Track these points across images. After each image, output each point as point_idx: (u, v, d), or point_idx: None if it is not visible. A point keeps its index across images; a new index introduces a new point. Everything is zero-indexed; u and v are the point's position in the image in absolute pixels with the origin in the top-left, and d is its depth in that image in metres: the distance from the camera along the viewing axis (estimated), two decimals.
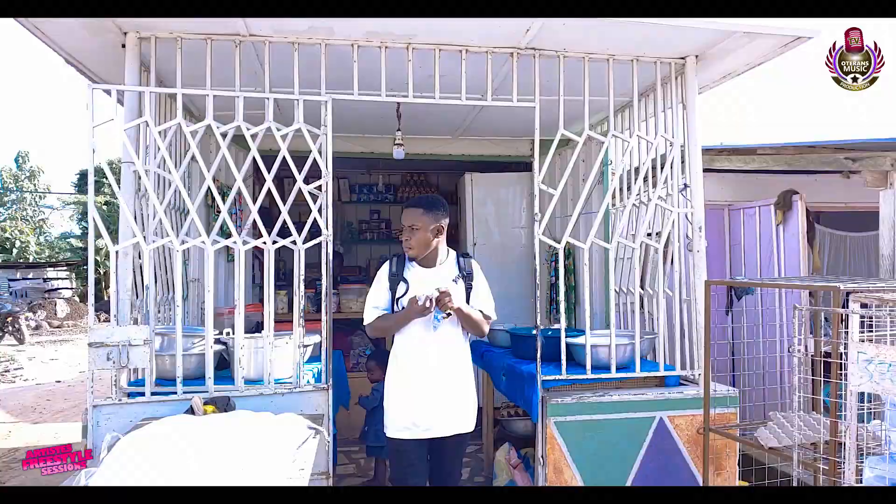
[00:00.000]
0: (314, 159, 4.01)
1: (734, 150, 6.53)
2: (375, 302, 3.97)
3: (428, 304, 3.66)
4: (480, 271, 4.09)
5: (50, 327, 23.88)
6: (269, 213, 7.76)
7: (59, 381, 12.83)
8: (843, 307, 3.03)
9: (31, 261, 34.39)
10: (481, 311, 4.00)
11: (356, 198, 10.71)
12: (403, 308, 3.85)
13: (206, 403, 3.54)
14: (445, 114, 6.09)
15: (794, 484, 3.52)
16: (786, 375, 6.05)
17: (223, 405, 3.59)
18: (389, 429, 3.92)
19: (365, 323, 3.99)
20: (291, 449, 2.83)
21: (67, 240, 38.86)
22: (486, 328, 4.03)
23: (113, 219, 4.04)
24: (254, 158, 3.97)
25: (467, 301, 3.97)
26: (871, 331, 2.96)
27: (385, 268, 4.02)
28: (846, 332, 2.97)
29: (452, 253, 4.08)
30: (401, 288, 3.91)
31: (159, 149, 3.92)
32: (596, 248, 4.62)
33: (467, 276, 3.99)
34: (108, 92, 3.94)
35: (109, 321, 3.80)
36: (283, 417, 3.20)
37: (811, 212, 6.35)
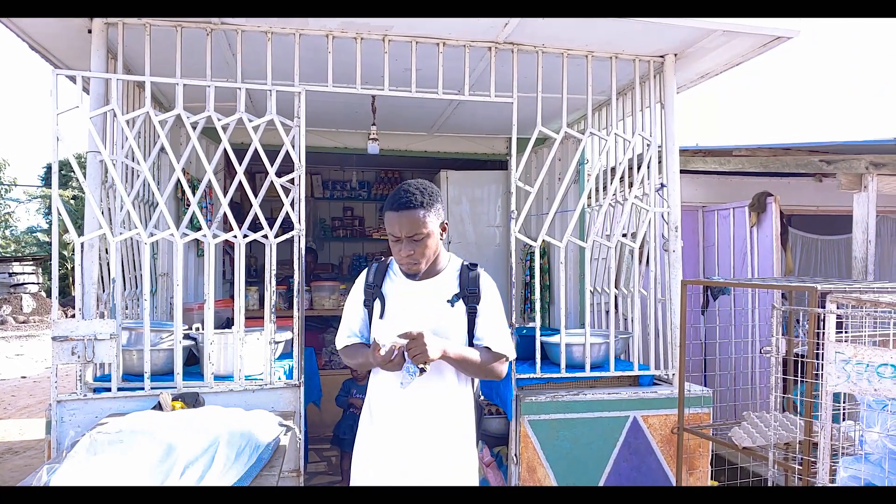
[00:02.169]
0: (286, 153, 3.94)
1: (710, 152, 6.55)
2: (349, 323, 3.04)
3: (393, 357, 2.61)
4: (494, 289, 2.99)
5: (15, 322, 23.48)
6: (240, 208, 7.69)
7: (24, 377, 12.61)
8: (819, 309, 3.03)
9: None
10: (489, 349, 2.90)
11: (329, 194, 10.61)
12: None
13: (174, 399, 3.47)
14: (421, 109, 6.05)
15: (769, 483, 3.51)
16: (757, 376, 6.09)
17: (192, 401, 3.51)
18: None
19: (337, 347, 3.11)
20: (262, 446, 2.77)
21: (34, 234, 38.24)
22: (503, 369, 2.97)
23: (80, 213, 3.98)
24: (225, 151, 3.89)
25: (470, 332, 2.92)
26: (845, 331, 2.96)
27: (362, 277, 3.05)
28: (820, 333, 2.96)
29: (455, 261, 3.02)
30: (377, 308, 2.93)
31: (127, 138, 3.83)
32: (570, 247, 4.60)
33: (470, 296, 2.90)
34: (73, 79, 3.84)
35: (76, 317, 3.70)
36: (253, 414, 3.14)
37: (784, 214, 6.38)
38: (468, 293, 2.89)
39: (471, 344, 2.92)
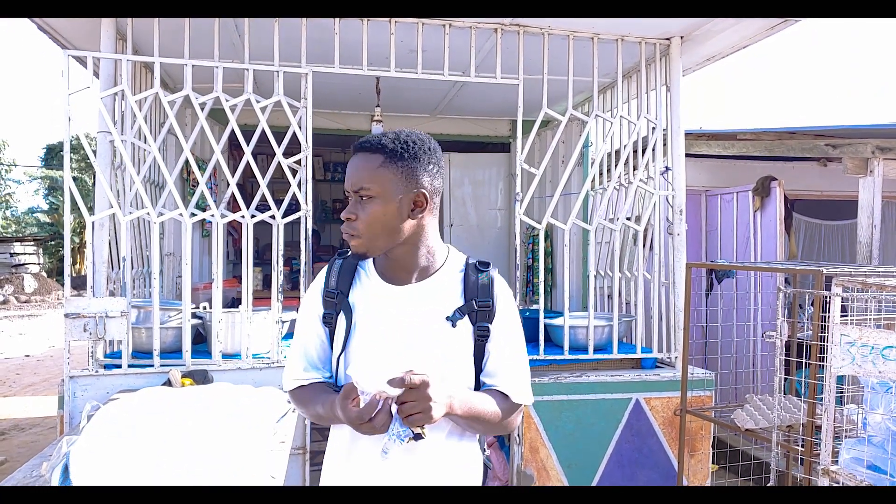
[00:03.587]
0: (291, 135, 3.96)
1: (714, 135, 6.55)
2: (304, 350, 2.00)
3: (375, 415, 1.63)
4: (513, 303, 2.01)
5: (17, 302, 23.55)
6: (241, 190, 7.71)
7: (28, 356, 12.65)
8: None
9: None
10: (505, 397, 1.93)
11: (330, 176, 10.61)
12: (341, 388, 1.76)
13: (183, 376, 3.51)
14: (425, 91, 6.04)
15: (771, 464, 3.55)
16: (759, 360, 6.12)
17: (201, 378, 3.56)
18: None
19: (284, 388, 2.07)
20: (272, 422, 2.80)
21: (34, 214, 38.25)
22: (517, 422, 2.02)
23: (82, 194, 4.00)
24: (232, 131, 3.91)
25: (479, 366, 1.95)
26: (846, 314, 2.99)
27: (319, 280, 2.04)
28: (824, 317, 2.99)
29: (457, 257, 2.02)
30: (340, 327, 1.94)
31: (135, 119, 3.85)
32: (573, 230, 4.61)
33: (481, 311, 1.92)
34: (82, 62, 3.86)
35: (80, 297, 3.74)
36: (262, 390, 3.17)
37: (788, 199, 6.39)
38: (478, 307, 1.92)
39: (477, 381, 1.97)
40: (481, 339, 1.92)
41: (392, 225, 1.86)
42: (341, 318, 1.94)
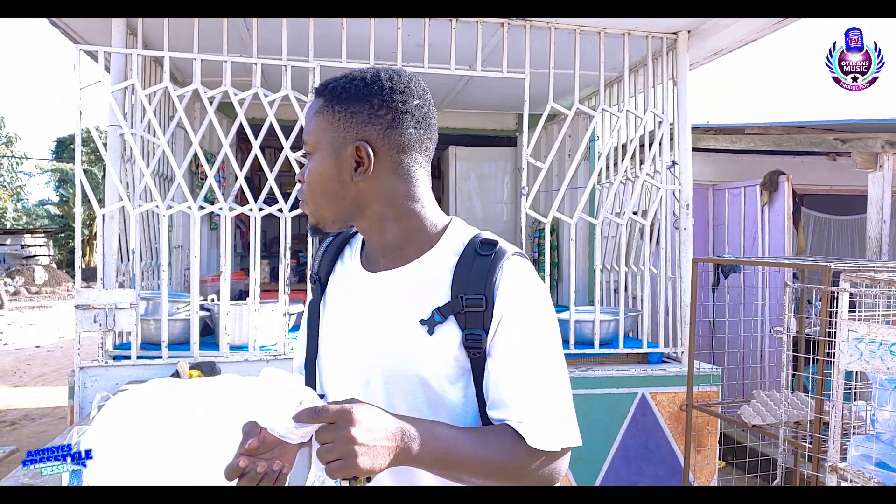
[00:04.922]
0: (298, 128, 3.97)
1: (721, 130, 6.53)
2: (300, 343, 1.61)
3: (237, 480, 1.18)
4: (531, 296, 1.33)
5: (28, 293, 23.71)
6: (249, 183, 7.72)
7: (38, 347, 12.73)
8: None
9: (8, 227, 34.04)
10: (519, 437, 1.27)
11: None
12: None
13: (191, 368, 3.54)
14: (431, 85, 5.90)
15: (778, 461, 3.55)
16: (766, 355, 6.11)
17: (208, 370, 3.59)
18: None
19: None
20: None
21: (45, 207, 38.45)
22: (556, 470, 1.34)
23: (92, 186, 4.02)
24: (240, 125, 3.93)
25: (479, 392, 1.34)
26: (855, 310, 2.98)
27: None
28: (832, 312, 2.98)
29: (460, 234, 1.41)
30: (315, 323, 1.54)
31: (145, 113, 3.88)
32: (580, 224, 4.60)
33: (472, 312, 1.30)
34: (93, 56, 3.88)
35: (90, 289, 3.77)
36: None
37: (797, 193, 6.37)
38: (468, 305, 1.31)
39: (482, 415, 1.36)
40: (475, 352, 1.31)
41: (331, 188, 1.37)
42: (319, 311, 1.52)
